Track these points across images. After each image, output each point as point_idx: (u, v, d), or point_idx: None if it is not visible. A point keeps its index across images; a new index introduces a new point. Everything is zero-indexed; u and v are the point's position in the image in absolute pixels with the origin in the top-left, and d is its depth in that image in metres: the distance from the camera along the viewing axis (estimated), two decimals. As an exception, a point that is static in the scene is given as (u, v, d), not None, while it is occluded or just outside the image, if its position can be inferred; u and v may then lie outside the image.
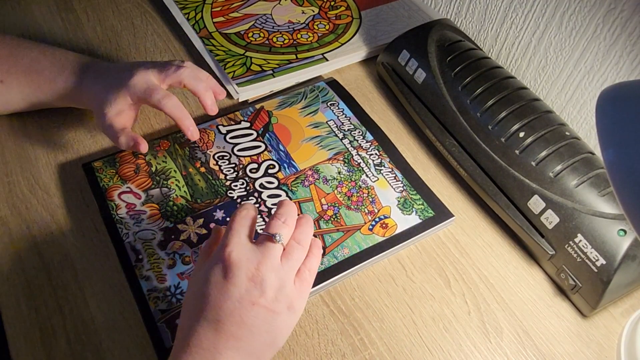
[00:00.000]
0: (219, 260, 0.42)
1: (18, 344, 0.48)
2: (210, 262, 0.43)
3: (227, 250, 0.42)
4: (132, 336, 0.49)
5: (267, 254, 0.42)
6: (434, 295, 0.54)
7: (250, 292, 0.41)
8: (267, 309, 0.41)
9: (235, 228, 0.43)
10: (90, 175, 0.58)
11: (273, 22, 0.77)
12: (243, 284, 0.41)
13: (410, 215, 0.57)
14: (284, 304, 0.42)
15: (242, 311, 0.40)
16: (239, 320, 0.40)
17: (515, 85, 0.60)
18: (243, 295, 0.40)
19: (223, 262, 0.41)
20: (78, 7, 0.79)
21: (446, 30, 0.67)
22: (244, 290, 0.40)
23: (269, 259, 0.42)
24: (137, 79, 0.56)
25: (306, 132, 0.64)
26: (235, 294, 0.40)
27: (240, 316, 0.40)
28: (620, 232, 0.49)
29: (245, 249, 0.42)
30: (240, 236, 0.43)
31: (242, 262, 0.41)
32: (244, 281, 0.41)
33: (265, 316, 0.41)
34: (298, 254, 0.44)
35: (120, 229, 0.54)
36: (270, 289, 0.41)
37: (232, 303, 0.40)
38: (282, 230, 0.44)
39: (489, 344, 0.51)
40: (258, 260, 0.42)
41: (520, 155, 0.56)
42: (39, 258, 0.53)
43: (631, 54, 0.56)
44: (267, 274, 0.41)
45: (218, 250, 0.43)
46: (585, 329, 0.53)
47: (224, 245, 0.42)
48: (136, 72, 0.56)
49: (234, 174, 0.59)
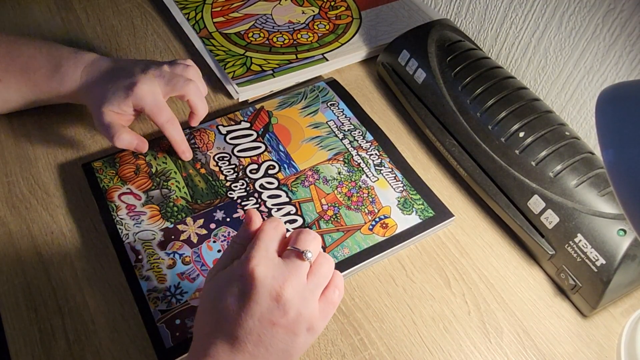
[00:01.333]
0: (242, 274, 0.39)
1: (18, 344, 0.48)
2: (233, 273, 0.40)
3: (252, 264, 0.39)
4: (132, 336, 0.49)
5: (294, 273, 0.39)
6: (434, 295, 0.54)
7: (272, 311, 0.38)
8: (286, 329, 0.39)
9: (263, 240, 0.41)
10: (90, 175, 0.58)
11: (273, 22, 0.77)
12: (265, 303, 0.38)
13: (410, 215, 0.57)
14: (304, 325, 0.40)
15: (261, 330, 0.38)
16: (256, 339, 0.39)
17: (515, 85, 0.60)
18: (264, 313, 0.38)
19: (247, 277, 0.39)
20: (78, 7, 0.79)
21: (446, 30, 0.67)
22: (265, 309, 0.38)
23: (295, 278, 0.39)
24: (144, 90, 0.55)
25: (306, 132, 0.64)
26: (256, 312, 0.38)
27: (259, 335, 0.38)
28: (620, 232, 0.49)
29: (271, 265, 0.39)
30: (268, 249, 0.40)
31: (267, 280, 0.38)
32: (267, 300, 0.38)
33: (283, 336, 0.39)
34: (325, 270, 0.41)
35: (120, 230, 0.54)
36: (292, 309, 0.39)
37: (253, 322, 0.38)
38: (312, 246, 0.41)
39: (489, 344, 0.51)
40: (284, 279, 0.39)
41: (520, 155, 0.56)
42: (39, 258, 0.53)
43: (631, 54, 0.56)
44: (291, 294, 0.39)
45: (242, 261, 0.40)
46: (585, 329, 0.53)
47: (250, 258, 0.39)
48: (143, 80, 0.55)
49: (234, 174, 0.59)
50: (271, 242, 0.41)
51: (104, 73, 0.58)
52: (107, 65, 0.59)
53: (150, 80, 0.56)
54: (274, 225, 0.42)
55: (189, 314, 0.49)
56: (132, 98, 0.55)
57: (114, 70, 0.58)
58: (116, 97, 0.55)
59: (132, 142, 0.57)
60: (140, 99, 0.55)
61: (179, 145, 0.59)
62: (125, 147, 0.57)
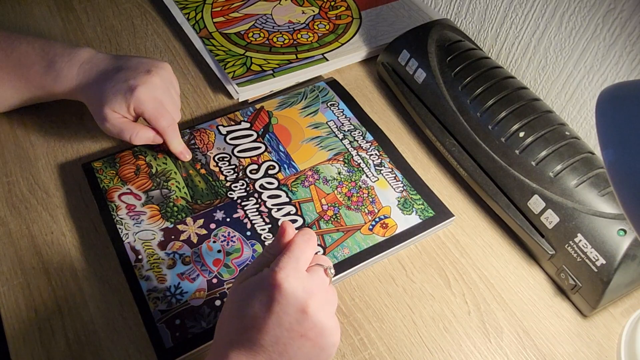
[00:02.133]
0: (272, 283, 0.39)
1: (17, 344, 0.48)
2: (262, 281, 0.40)
3: (283, 274, 0.39)
4: (132, 337, 0.49)
5: (320, 287, 0.40)
6: (434, 295, 0.54)
7: (302, 323, 0.39)
8: (313, 343, 0.39)
9: (295, 252, 0.41)
10: (90, 175, 0.58)
11: (273, 22, 0.77)
12: (294, 314, 0.38)
13: (410, 215, 0.57)
14: (330, 339, 0.40)
15: (288, 341, 0.38)
16: (282, 350, 0.39)
17: (515, 85, 0.60)
18: (293, 324, 0.38)
19: (277, 287, 0.39)
20: (78, 7, 0.79)
21: (446, 30, 0.67)
22: (294, 320, 0.38)
23: (321, 292, 0.40)
24: (145, 95, 0.55)
25: (306, 132, 0.64)
26: (285, 322, 0.38)
27: (285, 345, 0.39)
28: (620, 232, 0.49)
29: (301, 277, 0.40)
30: (299, 262, 0.40)
31: (297, 291, 0.39)
32: (297, 311, 0.38)
33: (309, 350, 0.39)
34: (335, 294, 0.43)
35: (120, 230, 0.54)
36: (319, 322, 0.39)
37: (281, 331, 0.38)
38: (331, 264, 0.43)
39: (489, 343, 0.51)
40: (312, 292, 0.39)
41: (520, 155, 0.56)
42: (39, 258, 0.53)
43: (631, 54, 0.56)
44: (318, 308, 0.39)
45: (273, 270, 0.40)
46: (585, 329, 0.53)
47: (280, 268, 0.39)
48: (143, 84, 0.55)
49: (234, 175, 0.59)
50: (302, 254, 0.41)
51: (101, 72, 0.57)
52: (105, 63, 0.58)
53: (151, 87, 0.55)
54: (306, 239, 0.42)
55: (188, 314, 0.49)
56: (133, 103, 0.55)
57: (112, 69, 0.57)
58: (119, 102, 0.55)
59: (150, 137, 0.57)
60: (142, 104, 0.55)
61: (177, 148, 0.59)
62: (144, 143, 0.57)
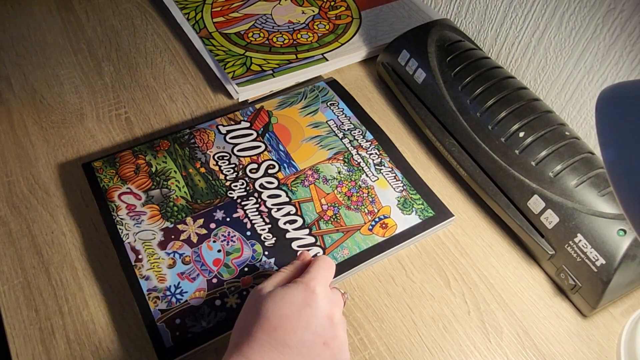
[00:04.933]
0: (305, 288, 0.42)
1: (18, 344, 0.48)
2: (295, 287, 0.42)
3: (315, 282, 0.42)
4: (132, 336, 0.49)
5: (339, 303, 0.44)
6: (433, 295, 0.54)
7: (326, 330, 0.41)
8: (332, 353, 0.41)
9: (323, 267, 0.45)
10: (90, 175, 0.58)
11: (273, 22, 0.77)
12: (322, 319, 0.41)
13: (410, 215, 0.57)
14: (346, 355, 0.42)
15: (312, 345, 0.40)
16: (305, 353, 0.40)
17: (515, 85, 0.60)
18: (319, 329, 0.41)
19: (310, 292, 0.42)
20: (78, 7, 0.79)
21: (446, 30, 0.67)
22: (320, 325, 0.41)
23: (340, 308, 0.43)
24: None
25: (306, 131, 0.64)
26: (313, 325, 0.40)
27: (308, 349, 0.40)
28: (620, 232, 0.49)
29: (327, 289, 0.43)
30: (326, 277, 0.44)
31: (326, 299, 0.42)
32: (324, 317, 0.41)
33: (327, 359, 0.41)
34: None
35: (120, 230, 0.54)
36: (340, 335, 0.42)
37: (307, 334, 0.40)
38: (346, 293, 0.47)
39: (489, 343, 0.51)
40: (335, 304, 0.43)
41: (520, 155, 0.56)
42: (39, 258, 0.53)
43: (631, 54, 0.56)
44: (340, 320, 0.42)
45: (304, 279, 0.43)
46: (585, 329, 0.53)
47: (313, 278, 0.43)
48: None
49: (234, 174, 0.59)
50: (327, 271, 0.45)
51: None
52: None
53: None
54: (329, 260, 0.47)
55: (188, 313, 0.49)
56: None
57: None
58: None
59: None
60: None
61: None
62: None
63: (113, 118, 0.66)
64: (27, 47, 0.73)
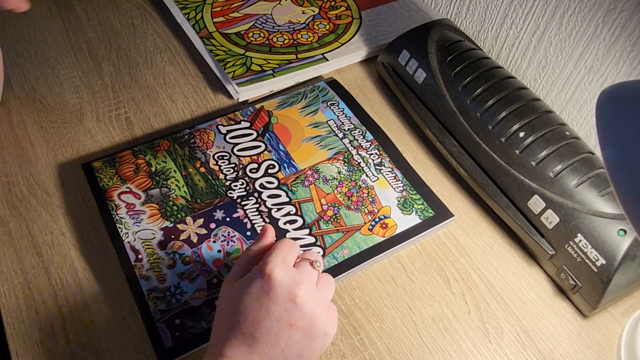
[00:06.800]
0: (261, 277, 0.41)
1: (18, 344, 0.48)
2: (252, 278, 0.42)
3: (270, 267, 0.41)
4: (132, 336, 0.49)
5: (307, 278, 0.42)
6: (434, 295, 0.54)
7: (290, 313, 0.40)
8: (304, 332, 0.41)
9: (282, 249, 0.44)
10: (90, 175, 0.58)
11: (273, 22, 0.77)
12: (283, 304, 0.40)
13: (410, 215, 0.57)
14: (321, 329, 0.41)
15: (278, 331, 0.40)
16: (273, 340, 0.40)
17: (515, 85, 0.60)
18: (282, 314, 0.40)
19: (265, 279, 0.41)
20: (78, 7, 0.79)
21: (446, 30, 0.67)
22: (283, 310, 0.40)
23: (309, 283, 0.42)
24: None
25: (306, 131, 0.64)
26: (274, 312, 0.40)
27: (276, 336, 0.40)
28: (620, 232, 0.49)
29: (288, 270, 0.42)
30: (286, 258, 0.43)
31: (284, 282, 0.41)
32: (284, 301, 0.40)
33: (300, 339, 0.41)
34: (329, 286, 0.44)
35: (120, 229, 0.54)
36: (308, 311, 0.41)
37: (270, 322, 0.40)
38: (320, 259, 0.44)
39: (489, 344, 0.51)
40: (299, 282, 0.41)
41: (520, 155, 0.56)
42: (39, 258, 0.53)
43: (631, 54, 0.56)
44: (306, 297, 0.41)
45: (261, 266, 0.42)
46: (585, 329, 0.53)
47: (267, 263, 0.42)
48: None
49: (234, 174, 0.59)
50: (287, 253, 0.44)
51: None
52: None
53: None
54: (290, 242, 0.45)
55: (188, 314, 0.49)
56: None
57: None
58: None
59: None
60: None
61: None
62: None
63: (113, 118, 0.66)
64: (27, 47, 0.73)
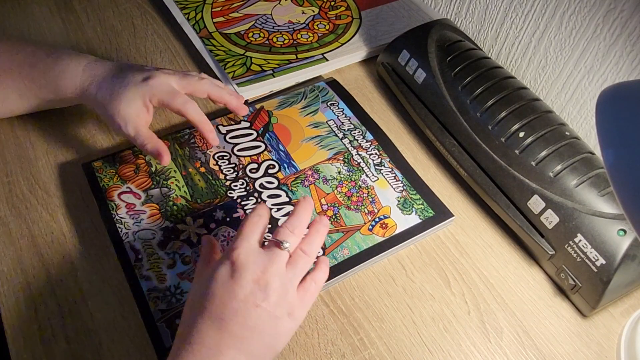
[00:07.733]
0: (227, 261, 0.43)
1: (18, 344, 0.48)
2: (218, 262, 0.43)
3: (236, 252, 0.42)
4: (132, 336, 0.49)
5: (274, 259, 0.43)
6: (433, 295, 0.54)
7: (255, 294, 0.41)
8: (269, 312, 0.41)
9: (245, 232, 0.44)
10: (90, 175, 0.58)
11: (273, 22, 0.77)
12: (248, 286, 0.41)
13: (410, 215, 0.57)
14: (285, 309, 0.42)
15: (245, 312, 0.41)
16: (242, 321, 0.41)
17: (515, 85, 0.60)
18: (247, 296, 0.41)
19: (231, 263, 0.42)
20: (78, 7, 0.79)
21: (446, 30, 0.67)
22: (248, 292, 0.41)
23: (275, 264, 0.43)
24: (158, 81, 0.55)
25: (306, 132, 0.64)
26: (240, 294, 0.41)
27: (244, 317, 0.41)
28: (620, 232, 0.49)
29: (253, 252, 0.43)
30: (250, 240, 0.44)
31: (249, 265, 0.42)
32: (250, 283, 0.41)
33: (267, 319, 0.42)
34: (303, 263, 0.44)
35: (120, 229, 0.54)
36: (273, 293, 0.42)
37: (237, 303, 0.41)
38: (290, 239, 0.44)
39: (489, 344, 0.51)
40: (264, 264, 0.42)
41: (520, 155, 0.56)
42: (39, 258, 0.53)
43: (631, 54, 0.56)
44: (271, 278, 0.42)
45: (227, 251, 0.44)
46: (585, 329, 0.53)
47: (233, 248, 0.43)
48: (156, 75, 0.55)
49: (234, 174, 0.59)
50: (253, 234, 0.44)
51: (109, 69, 0.57)
52: (111, 64, 0.58)
53: (164, 75, 0.56)
54: (255, 220, 0.45)
55: (188, 313, 0.49)
56: (148, 91, 0.54)
57: (120, 68, 0.57)
58: (133, 95, 0.54)
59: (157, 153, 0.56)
60: (155, 89, 0.54)
61: (204, 126, 0.57)
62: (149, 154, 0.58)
63: (113, 118, 0.66)
64: (27, 47, 0.73)
